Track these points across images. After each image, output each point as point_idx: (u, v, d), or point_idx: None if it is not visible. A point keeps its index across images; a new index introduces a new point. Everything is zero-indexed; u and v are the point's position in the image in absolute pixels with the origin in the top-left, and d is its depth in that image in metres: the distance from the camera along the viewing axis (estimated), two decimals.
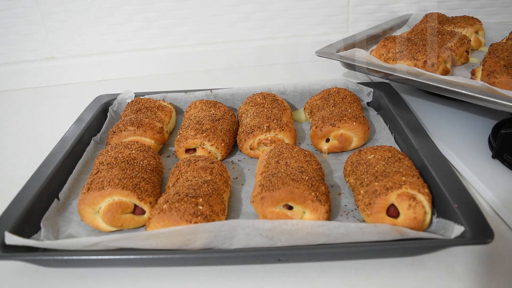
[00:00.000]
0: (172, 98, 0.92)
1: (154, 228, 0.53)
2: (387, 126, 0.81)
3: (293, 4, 1.19)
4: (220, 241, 0.51)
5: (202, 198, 0.55)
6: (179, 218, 0.52)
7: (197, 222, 0.52)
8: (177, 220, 0.52)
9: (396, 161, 0.61)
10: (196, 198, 0.55)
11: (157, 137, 0.76)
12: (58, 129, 0.84)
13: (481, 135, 0.76)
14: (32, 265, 0.54)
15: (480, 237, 0.48)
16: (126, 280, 0.53)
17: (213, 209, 0.55)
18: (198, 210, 0.53)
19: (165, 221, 0.53)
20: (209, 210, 0.54)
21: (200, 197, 0.55)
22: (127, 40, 1.19)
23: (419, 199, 0.54)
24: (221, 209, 0.57)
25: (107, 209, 0.57)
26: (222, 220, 0.55)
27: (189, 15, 1.17)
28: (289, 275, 0.52)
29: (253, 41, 1.22)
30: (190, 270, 0.54)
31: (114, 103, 0.90)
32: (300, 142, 0.80)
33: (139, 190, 0.58)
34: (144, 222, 0.59)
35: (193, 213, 0.52)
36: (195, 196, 0.55)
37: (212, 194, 0.57)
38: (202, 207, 0.54)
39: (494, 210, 0.61)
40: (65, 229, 0.59)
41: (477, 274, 0.50)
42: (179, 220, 0.52)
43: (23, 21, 1.12)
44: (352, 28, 1.23)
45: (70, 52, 1.18)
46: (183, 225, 0.52)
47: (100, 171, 0.62)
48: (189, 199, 0.54)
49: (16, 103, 1.10)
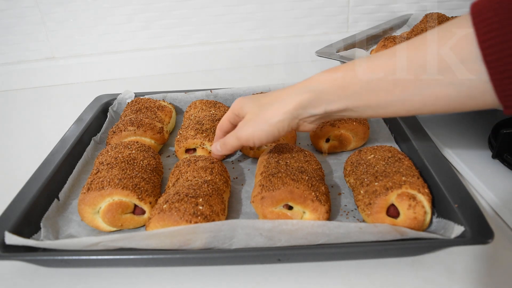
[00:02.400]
0: (172, 98, 0.92)
1: (154, 228, 0.53)
2: (387, 126, 0.81)
3: (293, 4, 1.19)
4: (220, 241, 0.51)
5: (202, 198, 0.55)
6: (179, 218, 0.52)
7: (197, 222, 0.52)
8: (177, 220, 0.52)
9: (396, 161, 0.61)
10: (196, 198, 0.55)
11: (157, 137, 0.76)
12: (58, 129, 0.84)
13: (481, 135, 0.76)
14: (32, 265, 0.54)
15: (480, 237, 0.48)
16: (126, 280, 0.53)
17: (213, 209, 0.55)
18: (198, 210, 0.53)
19: (165, 221, 0.53)
20: (209, 210, 0.54)
21: (200, 197, 0.55)
22: (127, 40, 1.19)
23: (419, 199, 0.54)
24: (221, 209, 0.57)
25: (107, 209, 0.57)
26: (222, 220, 0.55)
27: (189, 15, 1.17)
28: (289, 275, 0.52)
29: (253, 41, 1.22)
30: (190, 270, 0.54)
31: (114, 103, 0.90)
32: (300, 142, 0.80)
33: (139, 190, 0.58)
34: (144, 222, 0.59)
35: (193, 213, 0.52)
36: (195, 196, 0.55)
37: (212, 194, 0.57)
38: (202, 207, 0.54)
39: (494, 210, 0.61)
40: (65, 229, 0.59)
41: (477, 274, 0.50)
42: (179, 220, 0.52)
43: (23, 21, 1.12)
44: (352, 28, 1.23)
45: (70, 52, 1.18)
46: (183, 225, 0.51)
47: (100, 171, 0.62)
48: (189, 199, 0.54)
49: (16, 103, 1.10)
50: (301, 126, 0.57)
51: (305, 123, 0.57)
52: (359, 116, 0.53)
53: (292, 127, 0.57)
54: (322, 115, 0.55)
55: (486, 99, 0.41)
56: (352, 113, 0.53)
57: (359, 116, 0.53)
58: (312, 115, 0.55)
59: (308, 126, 0.57)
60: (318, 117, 0.55)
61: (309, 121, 0.56)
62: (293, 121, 0.55)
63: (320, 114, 0.54)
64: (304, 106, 0.54)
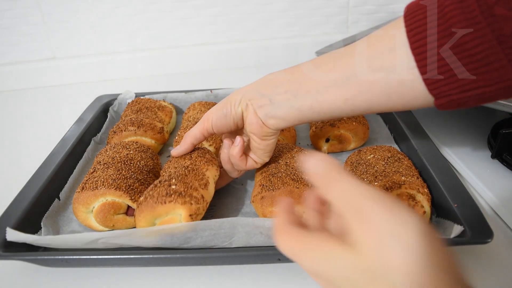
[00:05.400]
0: (173, 98, 0.92)
1: (139, 223, 0.52)
2: (387, 126, 0.81)
3: (293, 4, 1.19)
4: (220, 240, 0.51)
5: (175, 179, 0.53)
6: (154, 203, 0.51)
7: (172, 202, 0.50)
8: (153, 205, 0.51)
9: (395, 161, 0.61)
10: (169, 181, 0.53)
11: (157, 137, 0.76)
12: (59, 129, 0.84)
13: (480, 135, 0.76)
14: (32, 264, 0.55)
15: (479, 236, 0.48)
16: (126, 279, 0.53)
17: (189, 185, 0.53)
18: (171, 189, 0.52)
19: (143, 212, 0.52)
20: (184, 186, 0.52)
21: (173, 178, 0.54)
22: (127, 40, 1.19)
23: (419, 199, 0.54)
24: (201, 184, 0.54)
25: (99, 209, 0.57)
26: (205, 196, 0.54)
27: (189, 15, 1.17)
28: (289, 275, 0.52)
29: (253, 41, 1.22)
30: (190, 270, 0.54)
31: (115, 103, 0.91)
32: (300, 142, 0.80)
33: (132, 191, 0.58)
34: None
35: (166, 193, 0.51)
36: (168, 179, 0.54)
37: (188, 174, 0.55)
38: (175, 186, 0.52)
39: (493, 210, 0.61)
40: (65, 229, 0.59)
41: (476, 274, 0.51)
42: (154, 204, 0.51)
43: (24, 22, 1.12)
44: (352, 28, 1.23)
45: (71, 53, 1.19)
46: (160, 208, 0.50)
47: (96, 171, 0.62)
48: (162, 184, 0.53)
49: (17, 103, 1.10)
50: (249, 109, 0.54)
51: (252, 107, 0.54)
52: (301, 103, 0.51)
53: (242, 107, 0.55)
54: (267, 101, 0.53)
55: (415, 87, 0.42)
56: (292, 98, 0.51)
57: (300, 104, 0.51)
58: (259, 96, 0.53)
59: (252, 112, 0.54)
60: (264, 101, 0.53)
61: (256, 105, 0.53)
62: (243, 100, 0.54)
63: (265, 94, 0.53)
64: (254, 87, 0.55)
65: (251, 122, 0.54)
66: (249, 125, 0.55)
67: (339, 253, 0.27)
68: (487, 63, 0.37)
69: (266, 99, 0.53)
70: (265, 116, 0.53)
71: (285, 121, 0.53)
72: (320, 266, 0.28)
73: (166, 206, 0.51)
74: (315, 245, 0.29)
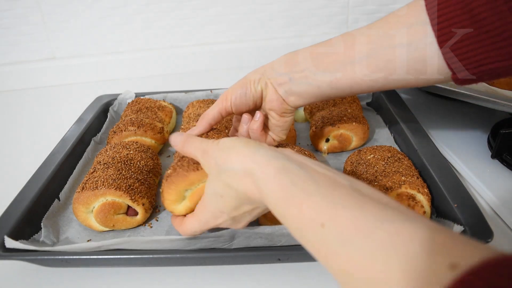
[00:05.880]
0: (173, 98, 0.92)
1: (169, 196, 0.51)
2: (387, 126, 0.81)
3: (293, 4, 1.19)
4: (220, 244, 0.51)
5: None
6: (185, 172, 0.50)
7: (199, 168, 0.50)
8: (184, 174, 0.50)
9: (395, 161, 0.61)
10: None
11: (157, 137, 0.76)
12: (59, 129, 0.84)
13: (480, 135, 0.76)
14: (32, 264, 0.55)
15: (479, 236, 0.48)
16: (126, 279, 0.53)
17: None
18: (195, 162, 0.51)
19: (174, 183, 0.50)
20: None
21: None
22: (127, 40, 1.19)
23: (419, 199, 0.54)
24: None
25: (99, 209, 0.57)
26: None
27: (189, 15, 1.17)
28: (289, 275, 0.52)
29: (253, 41, 1.22)
30: (190, 270, 0.54)
31: (115, 103, 0.90)
32: (300, 142, 0.81)
33: (132, 191, 0.58)
34: (137, 223, 0.59)
35: (195, 161, 0.50)
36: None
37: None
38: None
39: (493, 209, 0.61)
40: (65, 229, 0.59)
41: None
42: (186, 173, 0.50)
43: (24, 22, 1.12)
44: (352, 28, 1.22)
45: (71, 53, 1.19)
46: (193, 175, 0.50)
47: (96, 171, 0.62)
48: (185, 158, 0.52)
49: (17, 103, 1.10)
50: (269, 87, 0.56)
51: (272, 86, 0.56)
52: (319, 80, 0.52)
53: (262, 85, 0.57)
54: (287, 79, 0.54)
55: (434, 62, 0.43)
56: (311, 75, 0.52)
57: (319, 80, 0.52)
58: (278, 75, 0.55)
59: (273, 90, 0.56)
60: (284, 79, 0.55)
61: (276, 83, 0.55)
62: (262, 79, 0.57)
63: (284, 73, 0.54)
64: (272, 66, 0.56)
65: (271, 99, 0.56)
66: (269, 102, 0.57)
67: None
68: (503, 39, 0.38)
69: (286, 77, 0.54)
70: (285, 94, 0.55)
71: (304, 98, 0.54)
72: None
73: (199, 173, 0.49)
74: None
